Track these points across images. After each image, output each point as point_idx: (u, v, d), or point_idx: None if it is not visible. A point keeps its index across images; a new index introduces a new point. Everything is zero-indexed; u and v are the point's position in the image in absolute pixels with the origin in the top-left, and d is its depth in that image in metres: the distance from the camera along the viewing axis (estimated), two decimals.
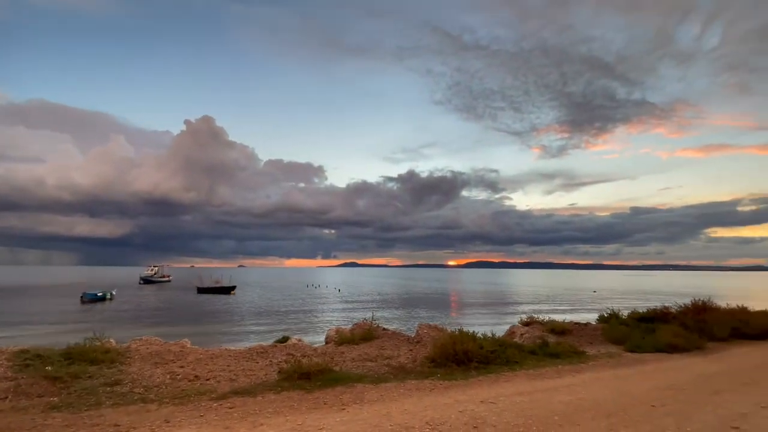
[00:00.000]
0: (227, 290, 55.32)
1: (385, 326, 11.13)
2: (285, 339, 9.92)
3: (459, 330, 8.40)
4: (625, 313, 12.20)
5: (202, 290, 55.79)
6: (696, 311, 11.04)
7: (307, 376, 5.97)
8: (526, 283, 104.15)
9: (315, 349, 8.36)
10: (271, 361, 7.29)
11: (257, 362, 7.22)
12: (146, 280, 76.20)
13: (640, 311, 12.03)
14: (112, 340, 7.98)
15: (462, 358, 7.27)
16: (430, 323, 11.07)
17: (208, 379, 6.03)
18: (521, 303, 44.57)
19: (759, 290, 69.36)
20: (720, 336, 9.86)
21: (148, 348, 7.85)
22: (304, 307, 39.06)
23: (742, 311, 11.20)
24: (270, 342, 9.70)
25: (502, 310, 36.61)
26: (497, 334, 10.23)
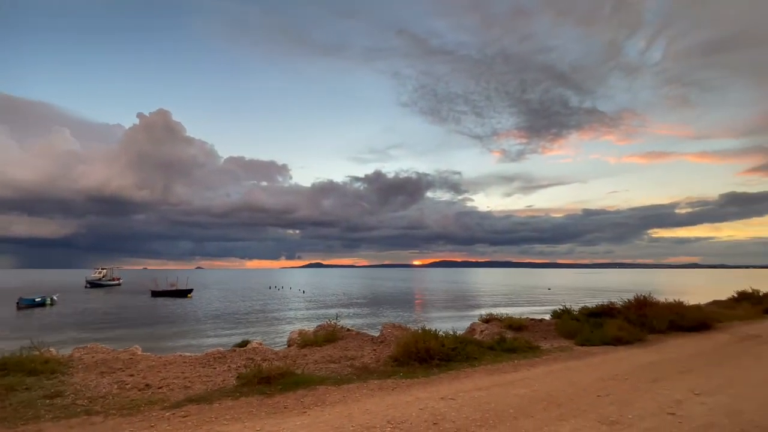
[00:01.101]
0: (184, 293, 52.78)
1: (350, 327, 11.11)
2: (245, 343, 9.64)
3: (422, 329, 8.54)
4: (576, 308, 12.93)
5: (156, 293, 52.88)
6: (638, 306, 11.93)
7: (267, 380, 5.83)
8: (487, 281, 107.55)
9: (276, 353, 8.18)
10: (229, 366, 7.07)
11: (215, 368, 6.97)
12: (93, 284, 70.95)
13: (590, 307, 12.80)
14: (52, 349, 7.40)
15: (424, 356, 7.41)
16: (395, 323, 11.19)
17: (160, 388, 5.74)
18: (482, 301, 45.94)
19: (693, 286, 75.79)
20: (659, 328, 10.69)
21: (93, 356, 7.35)
22: (266, 309, 38.03)
23: (678, 306, 12.20)
24: (229, 347, 9.40)
25: (463, 308, 37.55)
26: (458, 332, 10.51)
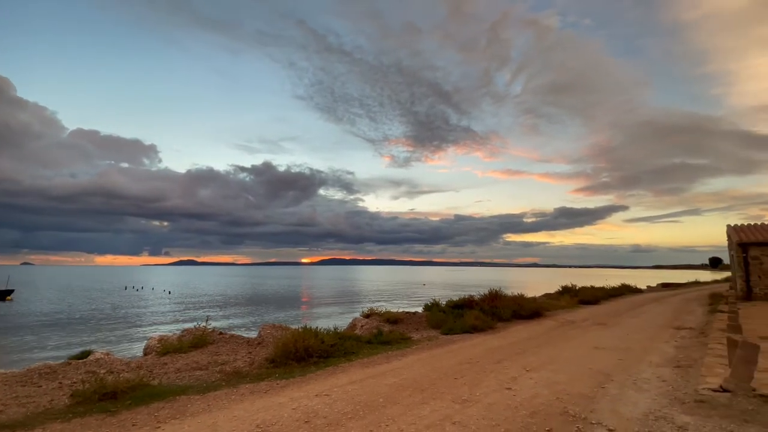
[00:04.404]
0: (1, 295, 41.55)
1: (225, 330, 10.31)
2: (86, 354, 8.13)
3: (302, 327, 8.47)
4: (443, 301, 14.53)
5: None
6: (491, 299, 14.17)
7: (112, 395, 5.02)
8: (372, 278, 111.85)
9: (128, 363, 7.09)
10: (61, 383, 5.87)
11: (40, 386, 5.70)
12: None
13: (454, 300, 14.55)
14: None
15: (303, 354, 7.36)
16: (275, 323, 10.82)
17: None
18: (366, 297, 47.54)
19: (533, 282, 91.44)
20: (505, 317, 12.81)
21: None
22: (118, 314, 32.42)
23: (520, 298, 14.90)
24: (62, 359, 7.79)
25: (349, 305, 38.28)
26: (341, 328, 10.73)
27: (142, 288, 63.71)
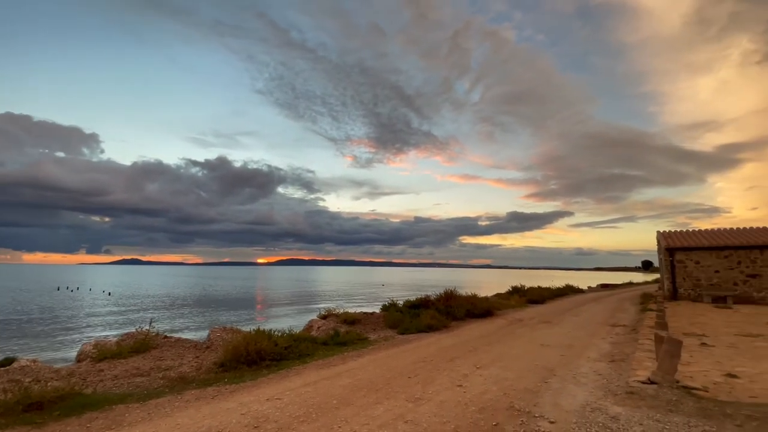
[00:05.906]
0: None
1: (171, 334, 9.76)
2: (9, 361, 7.37)
3: (255, 330, 8.21)
4: (401, 302, 14.73)
5: None
6: (446, 299, 14.59)
7: (38, 406, 4.58)
8: (331, 279, 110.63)
9: (57, 371, 6.50)
10: None
11: None
12: None
13: (411, 300, 14.79)
14: None
15: (254, 357, 7.13)
16: (226, 326, 10.41)
17: None
18: (324, 298, 46.85)
19: (485, 282, 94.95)
20: (459, 316, 13.25)
21: None
22: (48, 317, 29.52)
23: (473, 297, 15.54)
24: None
25: (306, 306, 37.55)
26: (297, 330, 10.51)
27: (78, 288, 58.38)
